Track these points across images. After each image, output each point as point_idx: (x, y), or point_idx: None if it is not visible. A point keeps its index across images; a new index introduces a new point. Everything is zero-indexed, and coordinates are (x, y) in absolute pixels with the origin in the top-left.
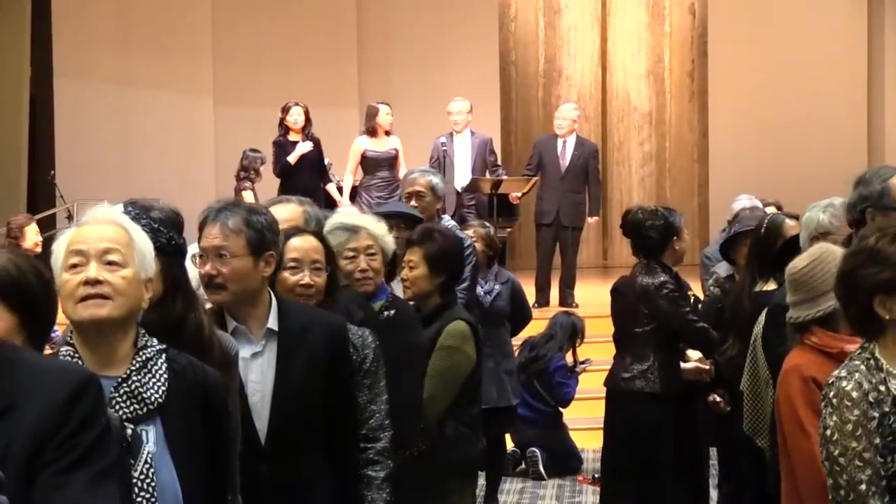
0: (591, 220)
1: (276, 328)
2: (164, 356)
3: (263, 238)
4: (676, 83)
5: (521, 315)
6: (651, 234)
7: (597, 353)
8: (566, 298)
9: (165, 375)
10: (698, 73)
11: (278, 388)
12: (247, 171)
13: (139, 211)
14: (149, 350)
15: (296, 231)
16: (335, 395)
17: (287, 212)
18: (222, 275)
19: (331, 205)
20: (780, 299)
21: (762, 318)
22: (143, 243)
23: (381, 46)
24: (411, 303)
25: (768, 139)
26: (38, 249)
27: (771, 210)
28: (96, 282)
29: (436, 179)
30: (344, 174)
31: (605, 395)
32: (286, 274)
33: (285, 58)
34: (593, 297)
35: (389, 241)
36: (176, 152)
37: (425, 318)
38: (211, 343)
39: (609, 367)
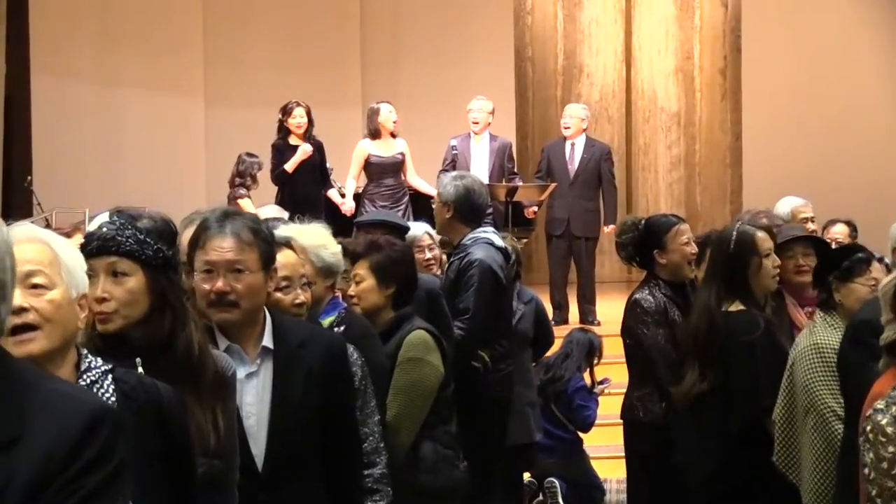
0: (607, 229)
1: (271, 346)
2: (110, 377)
3: (271, 251)
4: (707, 81)
5: (544, 338)
6: (621, 251)
7: (619, 374)
8: (586, 315)
9: (113, 398)
10: (731, 70)
11: (276, 409)
12: (242, 178)
13: (125, 220)
14: (93, 372)
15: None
16: (336, 416)
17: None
18: (236, 291)
19: (332, 212)
20: (865, 315)
21: (800, 341)
22: (71, 257)
23: (387, 42)
24: None
25: (806, 142)
26: None
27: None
28: (21, 310)
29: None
30: (346, 180)
31: None
32: (279, 295)
33: (283, 55)
34: (617, 314)
35: (327, 254)
36: (164, 157)
37: (381, 335)
38: (203, 363)
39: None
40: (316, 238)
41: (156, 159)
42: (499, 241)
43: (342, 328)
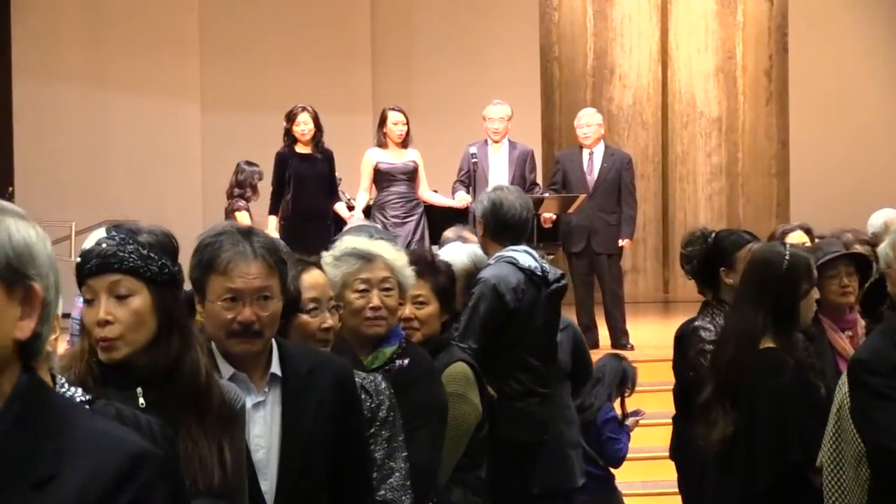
0: (622, 242)
1: (279, 373)
2: (87, 409)
3: (287, 274)
4: (751, 83)
5: (583, 370)
6: (684, 265)
7: (653, 403)
8: (619, 338)
9: None
10: (777, 71)
11: (286, 440)
12: (242, 188)
13: (124, 235)
14: None
15: (303, 264)
16: (348, 446)
17: None
18: (261, 321)
19: (340, 226)
20: (860, 355)
21: (846, 380)
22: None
23: (400, 42)
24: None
25: (860, 149)
26: None
27: (798, 237)
28: None
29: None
30: (357, 192)
31: (667, 457)
32: (305, 317)
33: (286, 55)
34: (652, 337)
35: (409, 274)
36: (156, 165)
37: None
38: (210, 390)
39: (668, 420)
40: (400, 258)
41: (148, 168)
42: (525, 261)
43: (405, 362)
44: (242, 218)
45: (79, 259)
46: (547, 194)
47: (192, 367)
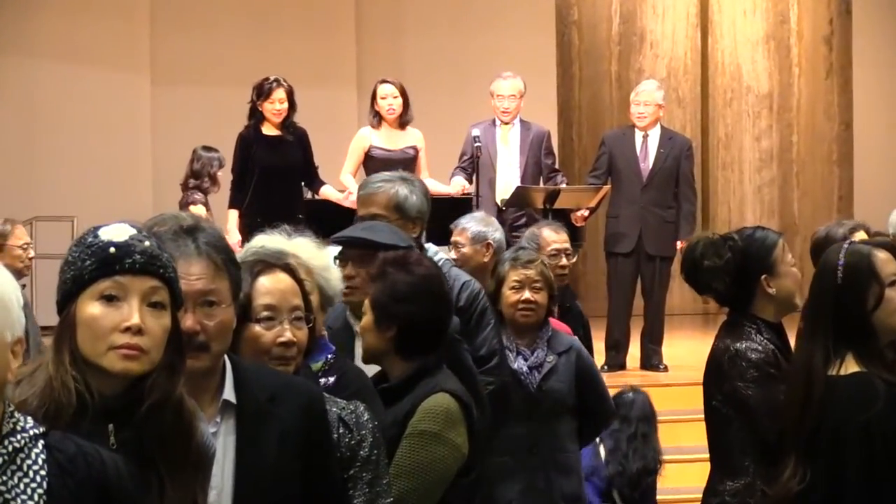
0: (680, 245)
1: (233, 400)
2: (41, 444)
3: (240, 276)
4: (808, 53)
5: (596, 406)
6: (713, 283)
7: (690, 435)
8: (650, 358)
9: (44, 472)
10: (839, 38)
11: (242, 481)
12: (198, 178)
13: (151, 237)
14: (18, 437)
15: (262, 266)
16: (317, 488)
17: None
18: (207, 331)
19: (326, 213)
20: None
21: None
22: (7, 289)
23: (388, 5)
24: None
25: None
26: None
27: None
28: None
29: (404, 191)
30: (341, 176)
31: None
32: (258, 329)
33: (251, 19)
34: (688, 356)
35: (334, 276)
36: (100, 148)
37: (391, 391)
38: (192, 435)
39: (705, 452)
40: (320, 258)
41: (89, 151)
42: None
43: (330, 380)
44: (198, 213)
45: (111, 248)
46: (563, 185)
47: (177, 402)
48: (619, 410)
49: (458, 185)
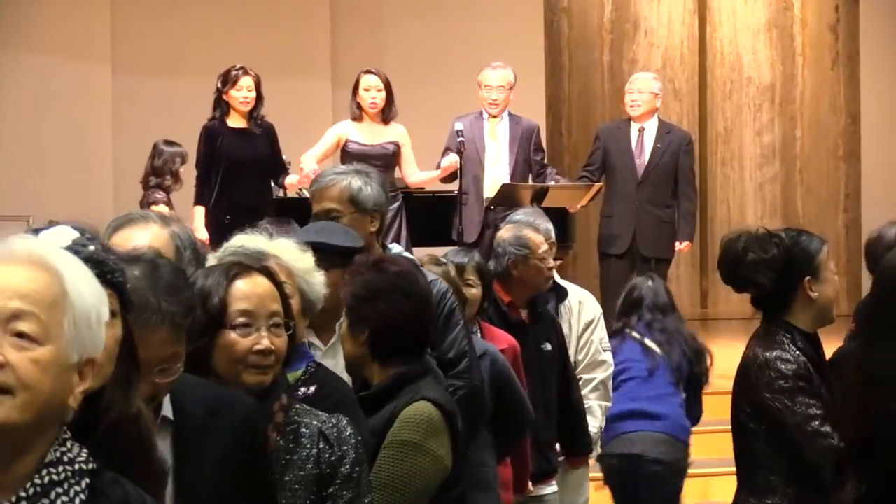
0: (680, 246)
1: (171, 416)
2: (84, 482)
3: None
4: (812, 42)
5: (513, 415)
6: (756, 277)
7: (694, 451)
8: None
9: None
10: (845, 26)
11: (180, 497)
12: (160, 176)
13: (97, 239)
14: (59, 470)
15: (239, 269)
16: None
17: (147, 237)
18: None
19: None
20: None
21: None
22: (88, 303)
23: None
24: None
25: None
26: None
27: None
28: None
29: (358, 183)
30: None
31: None
32: (233, 336)
33: (219, 6)
34: None
35: (317, 280)
36: (57, 142)
37: (370, 400)
38: (152, 450)
39: (715, 471)
40: (303, 260)
41: (44, 145)
42: None
43: (310, 389)
44: (161, 212)
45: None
46: (552, 182)
47: (135, 421)
48: (646, 299)
49: (449, 161)
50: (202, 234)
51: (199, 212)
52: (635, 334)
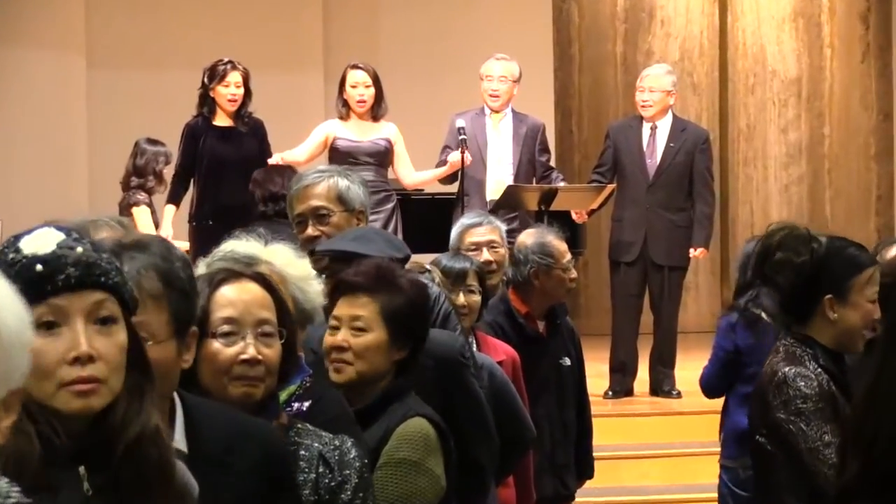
0: (695, 252)
1: (185, 450)
2: None
3: (190, 303)
4: (841, 33)
5: (511, 433)
6: (776, 277)
7: (707, 472)
8: (661, 382)
9: None
10: (877, 15)
11: None
12: (142, 176)
13: (88, 239)
14: None
15: (225, 274)
16: None
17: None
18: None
19: None
20: None
21: None
22: (11, 326)
23: None
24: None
25: None
26: None
27: None
28: None
29: (344, 182)
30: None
31: None
32: (217, 345)
33: None
34: None
35: (313, 288)
36: (28, 140)
37: (360, 414)
38: (171, 472)
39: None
40: (298, 267)
41: (14, 143)
42: None
43: (304, 405)
44: (142, 215)
45: (37, 266)
46: (561, 184)
47: (155, 438)
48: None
49: (454, 157)
50: (167, 231)
51: (169, 210)
52: None
